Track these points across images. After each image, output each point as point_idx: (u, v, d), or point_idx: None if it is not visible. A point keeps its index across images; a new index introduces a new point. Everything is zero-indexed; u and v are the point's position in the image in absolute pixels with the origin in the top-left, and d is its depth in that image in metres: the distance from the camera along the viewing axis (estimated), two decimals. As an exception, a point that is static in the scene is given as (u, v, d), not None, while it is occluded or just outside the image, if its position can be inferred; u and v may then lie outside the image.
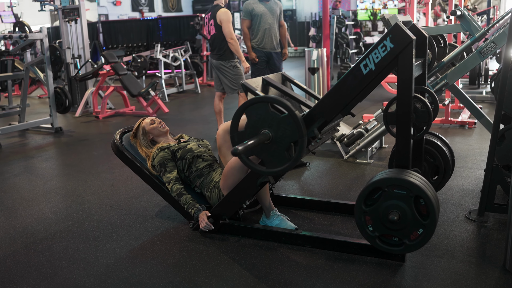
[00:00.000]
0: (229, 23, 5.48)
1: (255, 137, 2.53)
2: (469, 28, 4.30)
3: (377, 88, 5.20)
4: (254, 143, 2.48)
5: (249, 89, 2.90)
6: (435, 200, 2.48)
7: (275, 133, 2.56)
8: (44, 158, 5.46)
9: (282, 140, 2.56)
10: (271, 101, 2.54)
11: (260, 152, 2.63)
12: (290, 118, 2.50)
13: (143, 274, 2.68)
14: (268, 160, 2.64)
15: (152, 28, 14.88)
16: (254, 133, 2.59)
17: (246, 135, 2.61)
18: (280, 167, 2.61)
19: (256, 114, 2.58)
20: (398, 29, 2.42)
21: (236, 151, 2.37)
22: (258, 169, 2.68)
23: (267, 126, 2.57)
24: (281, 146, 2.57)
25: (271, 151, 2.60)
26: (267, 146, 2.60)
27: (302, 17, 21.80)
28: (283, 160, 2.59)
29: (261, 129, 2.58)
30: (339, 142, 4.88)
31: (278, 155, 2.59)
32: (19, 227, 3.44)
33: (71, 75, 8.44)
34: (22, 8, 15.51)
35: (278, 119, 2.53)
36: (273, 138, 2.57)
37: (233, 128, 2.66)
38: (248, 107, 2.59)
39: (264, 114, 2.56)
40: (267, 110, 2.55)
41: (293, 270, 2.66)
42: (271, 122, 2.55)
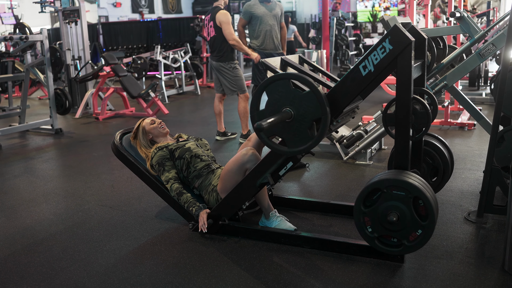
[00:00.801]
0: (229, 25, 5.49)
1: (277, 114, 2.46)
2: (468, 30, 4.31)
3: (377, 90, 5.23)
4: (277, 120, 2.42)
5: (269, 67, 2.83)
6: (434, 201, 2.49)
7: (297, 110, 2.50)
8: (44, 159, 5.47)
9: (305, 118, 2.50)
10: (293, 77, 2.49)
11: (282, 131, 2.57)
12: (312, 94, 2.45)
13: (143, 274, 2.69)
14: (290, 139, 2.57)
15: (152, 30, 14.89)
16: (275, 111, 2.53)
17: (267, 114, 2.55)
18: (302, 146, 2.54)
19: (277, 92, 2.52)
20: (397, 31, 2.43)
21: (260, 127, 2.30)
22: (279, 149, 2.61)
23: (288, 103, 2.51)
24: (304, 124, 2.51)
25: (293, 130, 2.54)
26: (289, 124, 2.54)
27: (302, 19, 21.82)
28: (306, 138, 2.53)
29: (282, 107, 2.52)
30: (339, 143, 4.89)
31: (300, 133, 2.53)
32: (19, 227, 3.45)
33: (71, 77, 8.45)
34: (22, 9, 15.53)
35: (301, 96, 2.48)
36: (295, 116, 2.51)
37: (253, 108, 2.60)
38: (269, 85, 2.53)
39: (286, 92, 2.50)
40: (288, 87, 2.50)
41: (292, 271, 2.66)
42: (292, 99, 2.50)
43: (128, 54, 13.79)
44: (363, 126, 4.89)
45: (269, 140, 2.61)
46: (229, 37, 5.48)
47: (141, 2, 20.86)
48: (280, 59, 3.07)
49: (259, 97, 2.59)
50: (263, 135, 2.57)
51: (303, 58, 3.38)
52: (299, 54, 3.39)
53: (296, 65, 3.07)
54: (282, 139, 2.63)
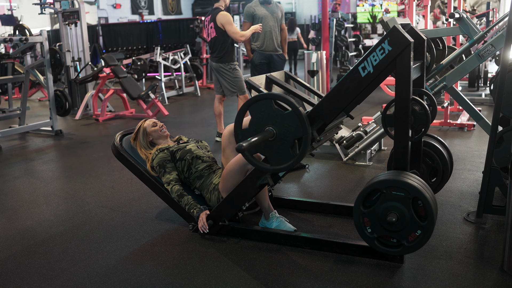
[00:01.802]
0: (232, 25, 5.48)
1: (259, 134, 2.52)
2: (467, 31, 4.32)
3: (376, 91, 5.23)
4: (258, 140, 2.47)
5: (253, 86, 2.89)
6: (433, 201, 2.50)
7: (279, 130, 2.55)
8: (44, 160, 5.48)
9: (286, 137, 2.55)
10: (275, 97, 2.53)
11: (264, 149, 2.62)
12: (294, 114, 2.50)
13: (143, 275, 2.70)
14: (272, 158, 2.62)
15: (152, 31, 14.90)
16: (258, 130, 2.58)
17: (250, 133, 2.60)
18: (284, 164, 2.59)
19: (260, 111, 2.57)
20: (396, 32, 2.44)
21: (240, 148, 2.37)
22: (262, 166, 2.66)
23: (271, 123, 2.56)
24: (285, 143, 2.56)
25: (275, 148, 2.59)
26: (271, 143, 2.58)
27: (302, 20, 21.83)
28: (287, 157, 2.58)
29: (265, 126, 2.57)
30: (338, 144, 4.90)
31: (282, 152, 2.58)
32: (19, 229, 3.45)
33: (71, 78, 8.46)
34: (22, 11, 15.54)
35: (282, 116, 2.52)
36: (277, 135, 2.56)
37: (237, 126, 2.64)
38: (252, 104, 2.58)
39: (268, 111, 2.55)
40: (271, 107, 2.54)
41: (292, 272, 2.67)
42: (275, 119, 2.54)
43: (128, 55, 13.78)
44: (362, 127, 4.90)
45: (252, 157, 2.65)
46: (235, 36, 5.46)
47: (140, 4, 20.88)
48: (265, 77, 3.11)
49: (242, 116, 2.64)
50: (247, 153, 2.61)
51: (288, 74, 3.43)
52: (285, 70, 3.44)
53: (281, 83, 3.12)
54: (265, 157, 2.68)
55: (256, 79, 3.01)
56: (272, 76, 3.13)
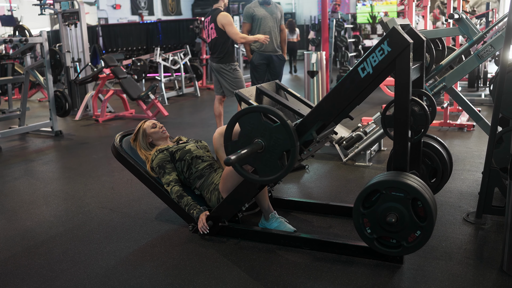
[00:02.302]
0: (232, 26, 5.49)
1: (248, 146, 2.57)
2: (466, 31, 4.32)
3: (376, 91, 5.23)
4: (247, 153, 2.53)
5: (243, 98, 2.95)
6: (433, 202, 2.50)
7: (268, 142, 2.60)
8: (44, 161, 5.48)
9: (275, 149, 2.60)
10: (263, 110, 2.59)
11: (253, 161, 2.67)
12: (282, 127, 2.54)
13: (142, 276, 2.70)
14: (261, 169, 2.67)
15: (151, 32, 14.91)
16: (247, 142, 2.63)
17: (239, 144, 2.65)
18: (272, 175, 2.65)
19: (249, 124, 2.62)
20: (395, 33, 2.45)
21: (228, 161, 2.42)
22: (251, 177, 2.71)
23: (259, 135, 2.61)
24: (274, 155, 2.61)
25: (264, 160, 2.64)
26: (260, 155, 2.63)
27: (302, 20, 21.83)
28: (276, 168, 2.63)
29: (254, 138, 2.62)
30: (338, 145, 4.90)
31: (271, 164, 2.63)
32: (19, 230, 3.46)
33: (71, 79, 8.46)
34: (22, 12, 15.55)
35: (271, 129, 2.57)
36: (265, 147, 2.61)
37: (226, 138, 2.69)
38: (241, 117, 2.63)
39: (257, 124, 2.60)
40: (259, 119, 2.59)
41: (291, 272, 2.67)
42: (263, 131, 2.59)
43: (128, 56, 13.79)
44: (362, 128, 4.90)
45: (241, 169, 2.68)
46: (235, 36, 5.47)
47: (140, 4, 20.89)
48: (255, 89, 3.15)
49: (231, 128, 2.67)
50: (236, 165, 2.64)
51: (279, 85, 3.45)
52: (276, 81, 3.50)
53: (271, 94, 3.16)
54: (254, 168, 2.71)
55: (246, 91, 3.07)
56: (262, 87, 3.19)
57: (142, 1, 20.97)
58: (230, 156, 2.43)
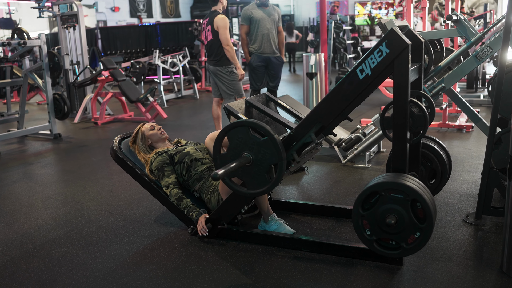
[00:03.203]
0: (226, 30, 5.50)
1: (236, 160, 2.60)
2: (465, 33, 4.32)
3: (375, 93, 5.23)
4: (235, 167, 2.56)
5: (231, 112, 2.97)
6: (432, 203, 2.50)
7: (256, 156, 2.63)
8: (43, 164, 5.47)
9: (263, 162, 2.62)
10: (251, 125, 2.62)
11: (242, 174, 2.69)
12: (269, 141, 2.57)
13: (142, 279, 2.69)
14: (249, 182, 2.70)
15: (150, 34, 14.90)
16: (236, 156, 2.65)
17: (228, 158, 2.67)
18: (260, 189, 2.67)
19: (237, 138, 2.65)
20: (393, 34, 2.45)
21: (216, 176, 2.46)
22: (240, 190, 2.74)
23: (248, 149, 2.63)
24: (262, 168, 2.63)
25: (252, 173, 2.66)
26: (248, 168, 2.66)
27: (300, 22, 21.85)
28: (264, 182, 2.65)
29: (242, 151, 2.64)
30: (337, 146, 4.90)
31: (259, 177, 2.66)
32: (18, 233, 3.45)
33: (69, 82, 8.46)
34: (20, 14, 15.55)
35: (259, 143, 2.60)
36: (253, 161, 2.64)
37: (215, 151, 2.72)
38: (230, 131, 2.65)
39: (245, 138, 2.63)
40: (247, 133, 2.61)
41: (291, 275, 2.67)
42: (251, 145, 2.62)
43: (127, 58, 13.77)
44: (361, 129, 4.90)
45: (230, 181, 2.71)
46: (225, 42, 5.48)
47: (139, 7, 20.89)
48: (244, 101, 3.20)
49: (220, 143, 2.70)
50: (225, 178, 2.67)
51: (269, 96, 3.49)
52: (266, 92, 3.54)
53: (260, 107, 3.21)
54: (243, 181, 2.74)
55: (235, 104, 3.12)
56: (251, 100, 3.24)
57: (141, 3, 20.98)
58: (217, 171, 2.47)
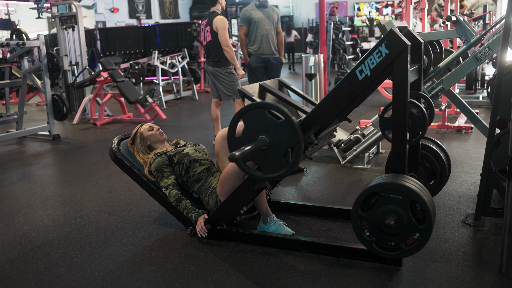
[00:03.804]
0: (225, 31, 5.50)
1: (252, 143, 2.54)
2: (464, 34, 4.32)
3: (374, 94, 5.23)
4: (251, 149, 2.50)
5: (246, 95, 2.92)
6: (431, 204, 2.50)
7: (272, 138, 2.57)
8: (41, 165, 5.47)
9: (279, 145, 2.57)
10: (268, 106, 2.56)
11: (257, 157, 2.64)
12: (286, 123, 2.52)
13: (141, 280, 2.69)
14: (265, 166, 2.65)
15: (149, 35, 14.90)
16: (251, 139, 2.60)
17: (243, 141, 2.62)
18: (277, 172, 2.62)
19: (253, 120, 2.60)
20: (393, 35, 2.45)
21: (233, 157, 2.39)
22: (255, 174, 2.69)
23: (264, 131, 2.58)
24: (278, 151, 2.58)
25: (268, 157, 2.61)
26: (264, 151, 2.61)
27: (299, 23, 21.86)
28: (280, 165, 2.60)
29: (258, 134, 2.59)
30: (336, 147, 4.89)
31: (275, 160, 2.60)
32: (17, 234, 3.44)
33: (68, 82, 8.45)
34: (19, 15, 15.53)
35: (275, 125, 2.55)
36: (270, 144, 2.58)
37: (230, 134, 2.67)
38: (245, 113, 2.60)
39: (261, 120, 2.57)
40: (264, 115, 2.56)
41: (290, 276, 2.66)
42: (268, 127, 2.57)
43: (126, 59, 13.77)
44: (360, 130, 4.90)
45: (245, 165, 2.67)
46: (224, 43, 5.49)
47: (138, 8, 20.89)
48: (258, 85, 3.13)
49: (235, 125, 2.65)
50: (240, 162, 2.63)
51: (282, 82, 3.44)
52: (279, 78, 3.48)
53: (274, 91, 3.14)
54: (258, 165, 2.69)
55: (250, 88, 3.04)
56: (265, 84, 3.16)
57: (140, 4, 20.98)
58: (234, 152, 2.40)
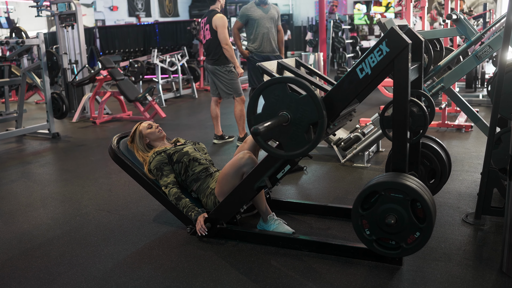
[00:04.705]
0: (225, 29, 5.49)
1: (274, 119, 2.47)
2: (464, 32, 4.32)
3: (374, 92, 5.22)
4: (274, 123, 2.43)
5: (265, 71, 2.84)
6: (432, 203, 2.49)
7: (294, 114, 2.51)
8: (41, 163, 5.46)
9: (301, 121, 2.51)
10: (289, 81, 2.50)
11: (279, 135, 2.58)
12: (309, 98, 2.46)
13: (140, 279, 2.68)
14: (286, 143, 2.58)
15: (149, 33, 14.87)
16: (272, 115, 2.54)
17: (263, 117, 2.56)
18: (299, 150, 2.56)
19: (273, 96, 2.53)
20: (393, 34, 2.44)
21: (257, 131, 2.32)
22: (277, 153, 2.62)
23: (285, 107, 2.52)
24: (300, 128, 2.52)
25: (289, 134, 2.55)
26: (286, 128, 2.55)
27: (299, 22, 21.83)
28: (302, 142, 2.54)
29: (279, 111, 2.53)
30: (336, 146, 4.89)
31: (297, 137, 2.54)
32: (16, 233, 3.44)
33: (68, 81, 8.44)
34: (18, 13, 15.51)
35: (297, 100, 2.49)
36: (291, 120, 2.52)
37: (250, 112, 2.61)
38: (265, 89, 2.54)
39: (282, 96, 2.51)
40: (285, 91, 2.50)
41: (290, 274, 2.66)
42: (289, 103, 2.51)
43: (125, 57, 13.74)
44: (360, 129, 4.89)
45: (266, 144, 2.61)
46: (223, 41, 5.48)
47: (137, 6, 20.87)
48: (276, 63, 3.07)
49: (256, 101, 2.59)
50: (260, 139, 2.58)
51: (299, 61, 3.39)
52: (296, 57, 3.40)
53: (292, 69, 3.08)
54: (279, 143, 2.64)
55: (268, 64, 2.95)
56: (283, 62, 3.08)
57: (139, 2, 20.95)
58: (257, 126, 2.33)
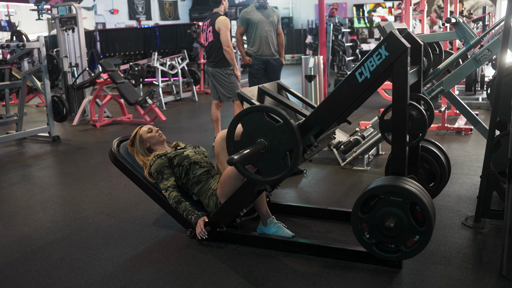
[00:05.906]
0: (227, 31, 5.50)
1: (251, 146, 2.55)
2: (464, 35, 4.33)
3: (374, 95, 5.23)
4: (250, 152, 2.51)
5: (245, 98, 2.92)
6: (431, 206, 2.49)
7: (271, 142, 2.58)
8: (41, 166, 5.46)
9: (278, 149, 2.58)
10: (266, 110, 2.57)
11: (256, 161, 2.65)
12: (285, 127, 2.52)
13: (140, 282, 2.68)
14: (264, 169, 2.65)
15: (149, 36, 14.91)
16: (250, 142, 2.61)
17: (242, 144, 2.63)
18: (276, 175, 2.62)
19: (251, 123, 2.60)
20: (392, 37, 2.45)
21: (232, 160, 2.41)
22: (254, 178, 2.69)
23: (262, 135, 2.59)
24: (277, 155, 2.59)
25: (267, 160, 2.62)
26: (263, 155, 2.61)
27: (299, 25, 21.85)
28: (279, 168, 2.61)
29: (256, 138, 2.60)
30: (336, 149, 4.90)
31: (274, 164, 2.61)
32: (16, 236, 3.44)
33: (68, 84, 8.45)
34: (19, 17, 15.54)
35: (274, 128, 2.56)
36: (268, 147, 2.59)
37: (229, 137, 2.67)
38: (243, 116, 2.61)
39: (260, 123, 2.58)
40: (262, 119, 2.57)
41: (290, 278, 2.66)
42: (266, 131, 2.58)
43: (126, 61, 13.77)
44: (360, 132, 4.90)
45: (244, 169, 2.67)
46: (225, 43, 5.49)
47: (138, 9, 20.90)
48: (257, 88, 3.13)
49: (234, 128, 2.65)
50: (239, 165, 2.63)
51: (281, 85, 3.45)
52: (277, 81, 3.50)
53: (273, 94, 3.15)
54: (257, 169, 2.69)
55: (248, 91, 3.05)
56: (264, 87, 3.17)
57: (140, 6, 20.98)
58: (233, 156, 2.42)
